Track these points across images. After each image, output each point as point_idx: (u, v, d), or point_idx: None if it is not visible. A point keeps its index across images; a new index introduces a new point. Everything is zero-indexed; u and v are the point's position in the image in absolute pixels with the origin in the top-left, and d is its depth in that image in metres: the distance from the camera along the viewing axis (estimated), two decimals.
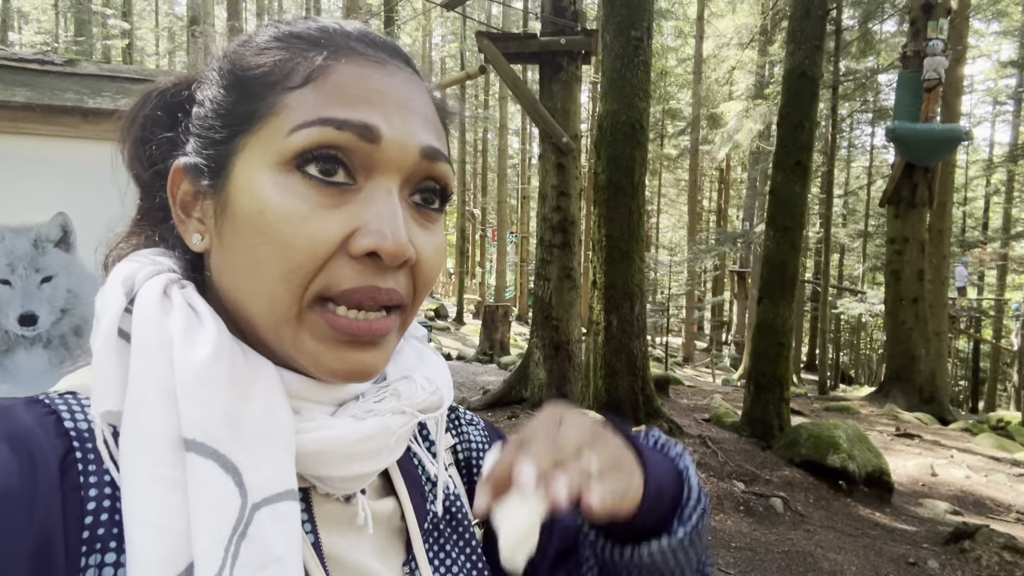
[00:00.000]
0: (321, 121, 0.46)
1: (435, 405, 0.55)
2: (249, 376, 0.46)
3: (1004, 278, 26.40)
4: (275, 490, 0.44)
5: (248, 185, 0.47)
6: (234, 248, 0.48)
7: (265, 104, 0.48)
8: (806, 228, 7.74)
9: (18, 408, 0.44)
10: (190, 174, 0.51)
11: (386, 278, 0.47)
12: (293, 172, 0.46)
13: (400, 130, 0.48)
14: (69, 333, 2.04)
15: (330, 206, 0.46)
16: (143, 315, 0.46)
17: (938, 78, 10.73)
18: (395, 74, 0.50)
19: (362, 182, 0.47)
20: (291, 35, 0.50)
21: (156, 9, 32.87)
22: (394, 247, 0.45)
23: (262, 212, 0.46)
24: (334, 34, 0.50)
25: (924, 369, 11.27)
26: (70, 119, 2.02)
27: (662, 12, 24.87)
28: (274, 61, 0.49)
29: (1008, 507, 5.84)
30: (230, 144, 0.49)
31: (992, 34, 29.67)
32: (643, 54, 6.65)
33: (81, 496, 0.42)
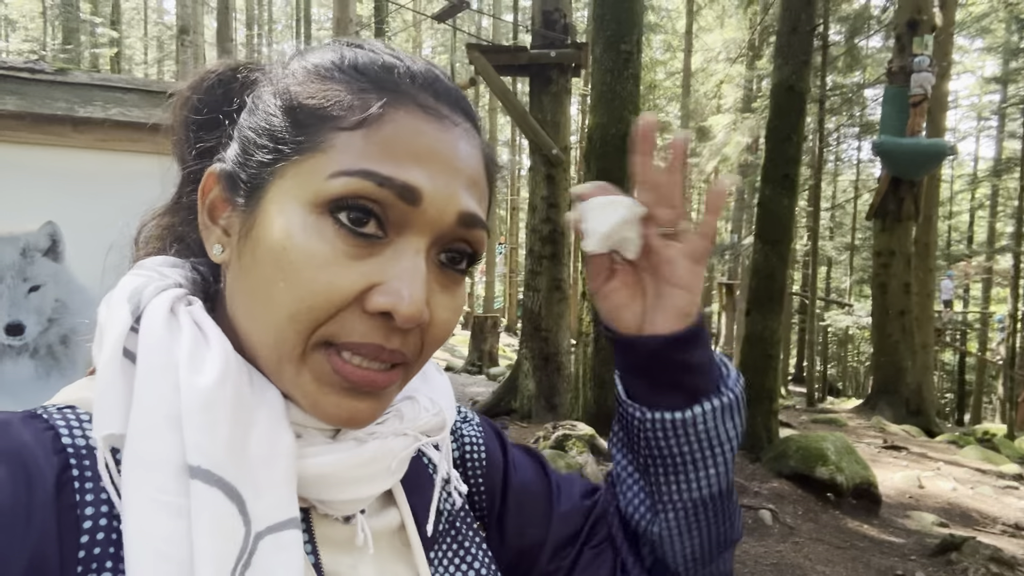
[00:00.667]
0: (363, 173, 0.45)
1: (438, 427, 0.54)
2: (254, 402, 0.46)
3: (989, 291, 26.67)
4: (278, 518, 0.43)
5: (278, 216, 0.46)
6: (251, 273, 0.47)
7: (313, 138, 0.46)
8: (794, 241, 7.80)
9: (15, 423, 0.43)
10: (224, 183, 0.50)
11: (394, 338, 0.46)
12: (325, 215, 0.45)
13: (442, 193, 0.46)
14: (56, 343, 2.02)
15: (355, 256, 0.45)
16: (149, 336, 0.45)
17: (924, 93, 10.86)
18: (451, 130, 0.48)
19: (392, 237, 0.46)
20: (354, 68, 0.49)
21: (145, 18, 32.85)
22: (409, 311, 0.44)
23: (286, 249, 0.45)
24: (398, 76, 0.48)
25: (911, 381, 11.35)
26: (60, 128, 2.01)
27: (651, 26, 25.07)
28: (331, 95, 0.47)
29: (994, 519, 5.88)
30: (271, 168, 0.48)
31: (976, 50, 30.11)
32: (632, 67, 6.70)
33: (77, 514, 0.42)
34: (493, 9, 27.33)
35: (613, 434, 0.69)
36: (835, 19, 16.61)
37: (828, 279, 30.07)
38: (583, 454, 5.48)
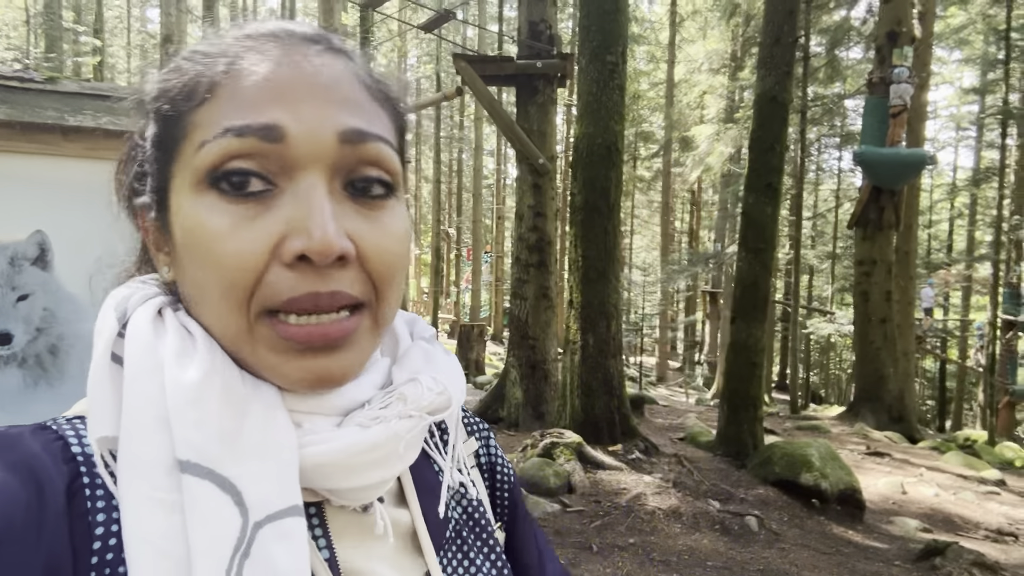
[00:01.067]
0: (221, 132, 0.44)
1: (443, 406, 0.52)
2: (245, 394, 0.45)
3: (969, 299, 26.99)
4: (278, 507, 0.43)
5: (179, 212, 0.46)
6: (184, 275, 0.48)
7: (179, 128, 0.47)
8: (777, 249, 7.87)
9: (25, 435, 0.44)
10: (146, 212, 0.51)
11: (327, 280, 0.44)
12: (208, 190, 0.45)
13: (309, 120, 0.45)
14: (45, 352, 2.01)
15: (252, 216, 0.44)
16: (135, 339, 0.45)
17: (903, 104, 11.03)
18: (303, 62, 0.47)
19: (283, 184, 0.45)
20: (195, 52, 0.49)
21: (128, 27, 32.63)
22: (320, 245, 0.43)
23: (191, 235, 0.45)
24: (239, 40, 0.48)
25: (893, 388, 11.47)
26: (50, 136, 2.00)
27: (635, 37, 25.27)
28: (180, 83, 0.47)
29: (976, 524, 5.94)
30: (164, 176, 0.48)
31: (954, 62, 30.59)
32: (618, 78, 6.76)
33: (89, 521, 0.42)
34: (478, 20, 27.44)
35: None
36: (816, 31, 16.83)
37: (810, 287, 30.31)
38: (571, 462, 5.49)
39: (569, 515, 4.91)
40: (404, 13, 16.64)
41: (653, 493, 5.32)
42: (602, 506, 5.08)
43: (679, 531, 4.83)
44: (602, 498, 5.21)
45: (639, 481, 5.52)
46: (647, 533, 4.74)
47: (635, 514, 4.97)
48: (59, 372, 2.01)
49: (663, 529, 4.82)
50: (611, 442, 6.35)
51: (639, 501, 5.18)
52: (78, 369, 2.01)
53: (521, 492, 0.70)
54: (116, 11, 32.21)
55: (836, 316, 20.92)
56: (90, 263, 0.61)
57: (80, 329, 2.00)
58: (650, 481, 5.52)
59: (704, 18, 24.05)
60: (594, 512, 4.98)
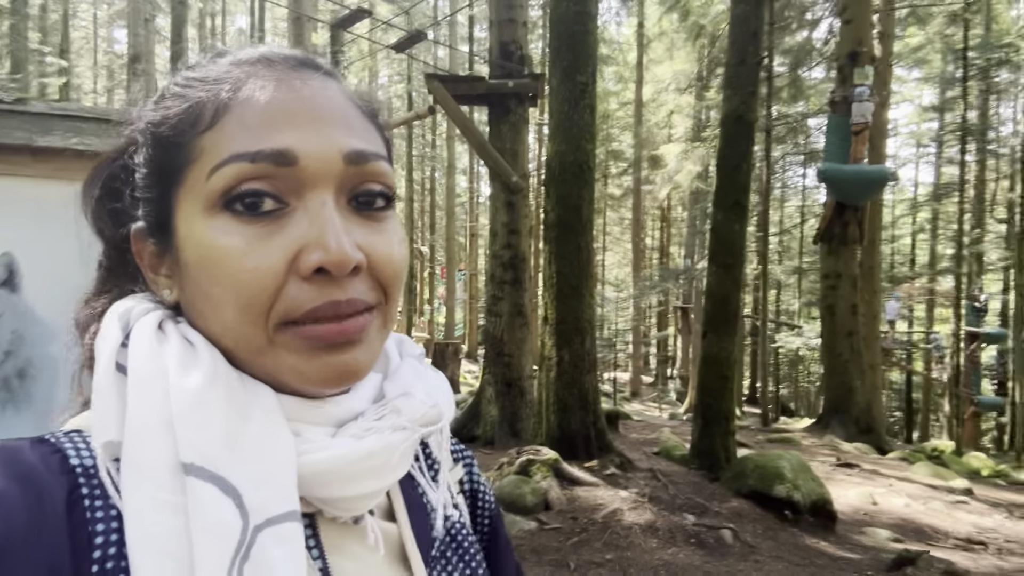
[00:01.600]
0: (233, 158, 0.46)
1: (435, 419, 0.54)
2: (247, 399, 0.47)
3: (932, 312, 27.56)
4: (277, 511, 0.44)
5: (189, 235, 0.48)
6: (193, 297, 0.49)
7: (183, 154, 0.48)
8: (745, 264, 7.99)
9: (24, 448, 0.44)
10: (145, 236, 0.53)
11: (344, 289, 0.47)
12: (222, 212, 0.46)
13: (316, 143, 0.47)
14: (13, 375, 1.97)
15: (267, 235, 0.46)
16: (138, 348, 0.47)
17: (865, 122, 11.30)
18: (300, 88, 0.49)
19: (294, 203, 0.47)
20: (193, 79, 0.51)
21: (95, 47, 32.28)
22: (338, 256, 0.45)
23: (205, 257, 0.46)
24: (232, 65, 0.50)
25: (860, 400, 11.64)
26: (19, 157, 1.98)
27: (604, 58, 25.60)
28: (183, 109, 0.49)
29: (946, 533, 6.03)
30: (167, 201, 0.50)
31: (914, 80, 31.36)
32: (588, 98, 6.85)
33: (88, 531, 0.43)
34: (450, 40, 27.61)
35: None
36: (779, 51, 17.22)
37: (778, 302, 30.73)
38: (547, 479, 5.49)
39: (546, 532, 4.90)
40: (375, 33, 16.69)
41: (629, 508, 5.33)
42: (579, 523, 5.08)
43: (655, 546, 4.84)
44: (579, 514, 5.21)
45: (615, 496, 5.53)
46: (624, 549, 4.74)
47: (612, 530, 4.98)
48: (27, 395, 1.97)
49: (639, 544, 4.83)
50: (587, 458, 6.36)
51: (615, 517, 5.19)
52: (46, 392, 1.97)
53: (503, 520, 0.71)
54: (83, 32, 31.85)
55: (804, 330, 21.22)
56: (59, 284, 0.61)
57: (49, 352, 1.97)
58: (626, 496, 5.54)
59: (670, 39, 24.43)
60: (571, 529, 4.98)
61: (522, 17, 8.98)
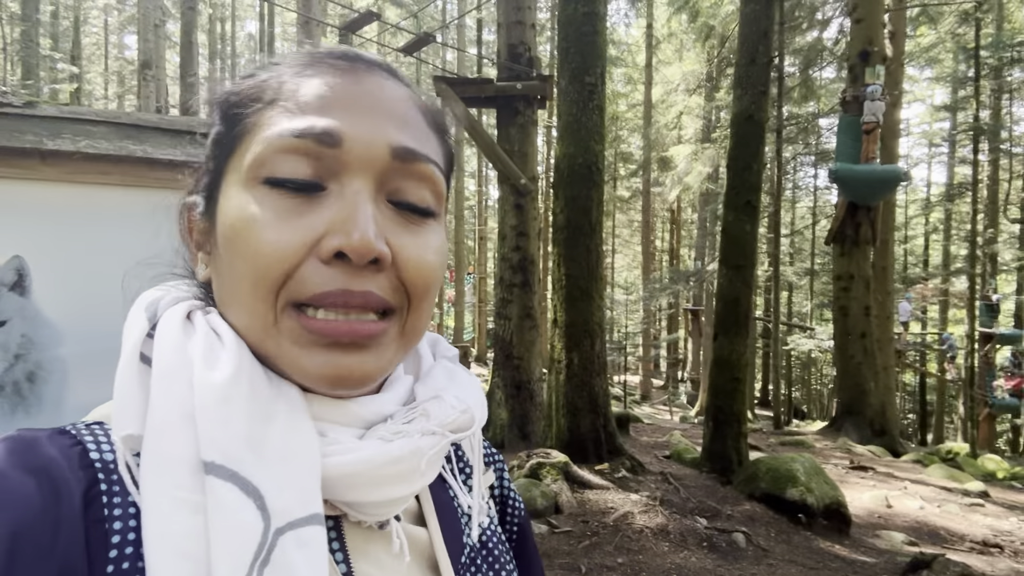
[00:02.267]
0: (280, 132, 0.46)
1: (466, 425, 0.53)
2: (271, 397, 0.45)
3: (946, 312, 27.35)
4: (299, 514, 0.43)
5: (226, 205, 0.48)
6: (220, 269, 0.48)
7: (240, 127, 0.49)
8: (757, 266, 7.94)
9: (43, 440, 0.43)
10: (193, 209, 0.53)
11: (361, 280, 0.45)
12: (259, 185, 0.46)
13: (365, 130, 0.47)
14: (23, 379, 1.97)
15: (297, 213, 0.45)
16: (164, 339, 0.46)
17: (876, 121, 11.23)
18: (366, 80, 0.49)
19: (332, 186, 0.46)
20: (270, 62, 0.51)
21: (106, 53, 32.56)
22: (360, 243, 0.44)
23: (232, 226, 0.46)
24: (310, 54, 0.51)
25: (874, 402, 11.55)
26: (28, 161, 1.98)
27: (613, 60, 25.59)
28: (250, 85, 0.50)
29: (962, 536, 5.97)
30: (217, 172, 0.50)
31: (925, 80, 31.21)
32: (597, 99, 6.83)
33: (105, 528, 0.42)
34: (458, 43, 27.66)
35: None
36: (790, 51, 17.15)
37: (790, 304, 30.57)
38: (557, 482, 5.46)
39: (557, 536, 4.87)
40: (384, 37, 16.75)
41: (640, 511, 5.29)
42: (590, 526, 5.05)
43: (667, 549, 4.81)
44: (589, 518, 5.18)
45: (626, 500, 5.50)
46: (635, 552, 4.71)
47: (623, 533, 4.95)
48: (37, 399, 1.97)
49: (651, 548, 4.80)
50: (597, 461, 6.33)
51: (626, 520, 5.16)
52: (56, 395, 1.97)
53: (531, 527, 0.69)
54: (94, 38, 32.16)
55: (816, 332, 21.09)
56: (68, 288, 0.61)
57: (58, 355, 1.98)
58: (637, 499, 5.50)
59: (680, 40, 24.41)
60: (582, 532, 4.95)
61: (530, 19, 8.98)
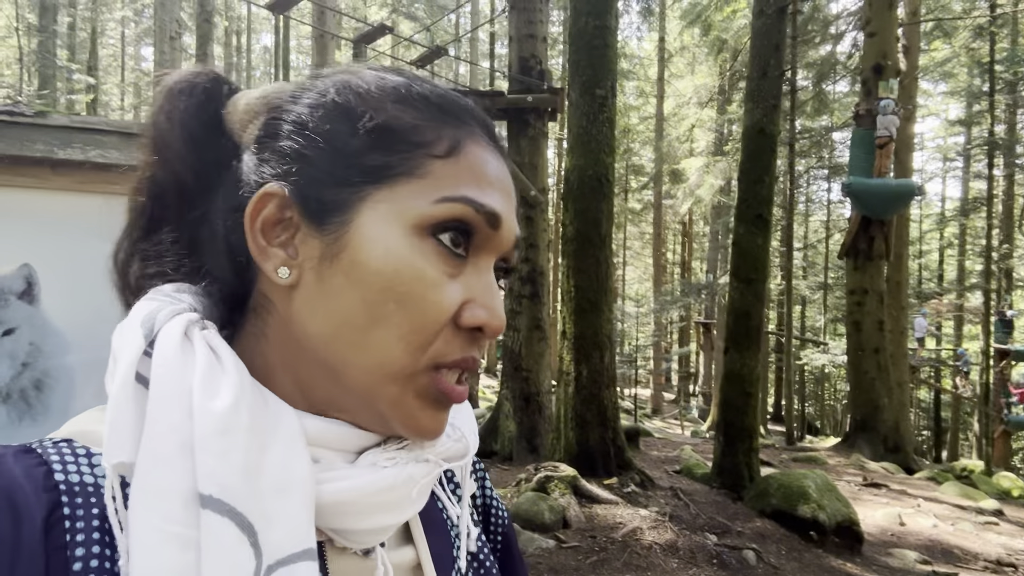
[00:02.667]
0: (464, 200, 0.47)
1: (460, 454, 0.54)
2: (269, 425, 0.44)
3: (961, 328, 27.10)
4: (291, 550, 0.42)
5: (381, 240, 0.46)
6: (345, 296, 0.46)
7: (407, 163, 0.47)
8: (768, 280, 7.90)
9: (7, 458, 0.42)
10: (285, 204, 0.48)
11: (478, 349, 0.49)
12: (428, 238, 0.47)
13: (510, 220, 0.50)
14: (30, 387, 1.98)
15: (452, 276, 0.47)
16: (162, 359, 0.43)
17: (890, 135, 11.18)
18: (502, 159, 0.53)
19: (471, 257, 0.49)
20: (424, 96, 0.50)
21: (122, 64, 32.99)
22: (499, 324, 0.48)
23: (398, 271, 0.46)
24: (462, 111, 0.52)
25: (888, 419, 11.43)
26: (39, 170, 2.00)
27: (624, 73, 25.65)
28: (416, 122, 0.48)
29: (975, 555, 5.88)
30: (357, 191, 0.47)
31: (940, 94, 31.10)
32: (608, 111, 6.84)
33: (67, 556, 0.40)
34: (470, 56, 27.82)
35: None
36: (803, 65, 17.14)
37: (803, 318, 30.40)
38: (565, 496, 5.42)
39: (564, 551, 4.83)
40: (397, 50, 16.88)
41: (649, 527, 5.24)
42: (598, 541, 5.00)
43: (676, 566, 4.75)
44: (598, 533, 5.13)
45: (635, 515, 5.45)
46: (644, 569, 4.66)
47: (631, 549, 4.90)
48: (44, 407, 1.98)
49: (660, 564, 4.75)
50: (606, 475, 6.28)
51: (635, 535, 5.11)
52: (63, 404, 1.98)
53: (515, 534, 0.69)
54: (111, 49, 32.58)
55: (830, 346, 20.93)
56: (76, 296, 0.59)
57: (65, 363, 1.98)
58: (646, 515, 5.45)
59: (692, 54, 24.47)
60: (590, 547, 4.90)
61: (542, 32, 9.02)
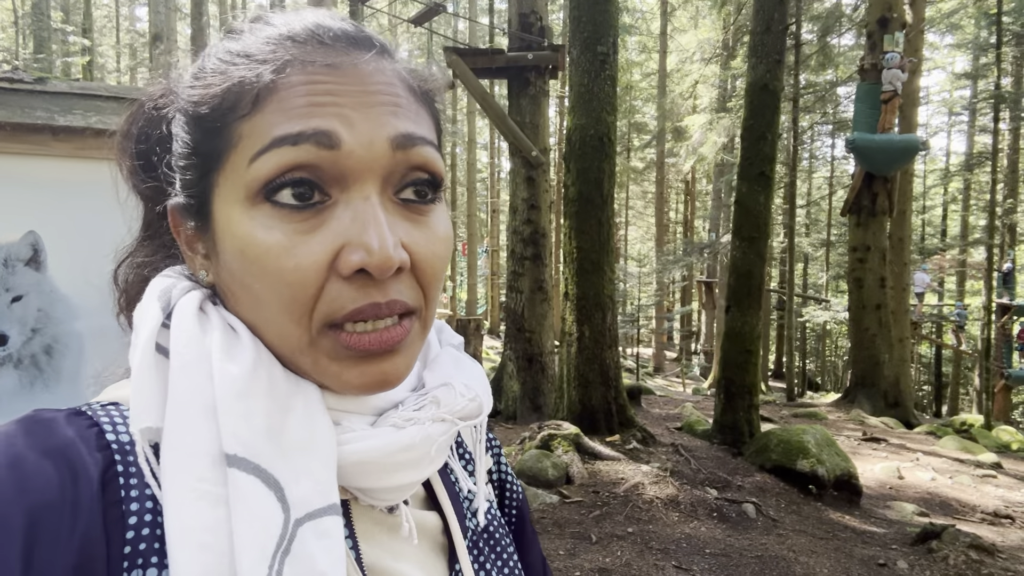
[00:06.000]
0: (275, 142, 0.44)
1: (475, 412, 0.53)
2: (288, 389, 0.46)
3: (963, 284, 27.08)
4: (318, 505, 0.43)
5: (227, 224, 0.46)
6: (232, 284, 0.47)
7: (223, 138, 0.46)
8: (771, 238, 7.88)
9: (60, 421, 0.43)
10: (181, 214, 0.50)
11: (385, 290, 0.45)
12: (263, 203, 0.44)
13: (362, 127, 0.45)
14: (40, 352, 2.01)
15: (308, 230, 0.44)
16: (181, 330, 0.45)
17: (895, 90, 11.03)
18: (349, 69, 0.46)
19: (337, 195, 0.45)
20: (236, 54, 0.47)
21: (117, 26, 32.46)
22: (380, 260, 0.43)
23: (243, 251, 0.45)
24: (277, 44, 0.47)
25: (888, 374, 11.51)
26: (40, 137, 2.00)
27: (626, 27, 25.22)
28: (223, 90, 0.46)
29: (973, 507, 5.98)
30: (205, 183, 0.48)
31: (946, 46, 30.55)
32: (609, 69, 6.75)
33: (123, 510, 0.42)
34: (469, 12, 27.35)
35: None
36: (807, 18, 16.82)
37: (805, 275, 30.37)
38: (569, 453, 5.51)
39: (568, 506, 4.93)
40: (395, 7, 16.59)
41: (651, 482, 5.34)
42: (600, 496, 5.10)
43: (677, 519, 4.85)
44: (600, 488, 5.23)
45: (637, 471, 5.54)
46: (645, 522, 4.76)
47: (633, 503, 5.00)
48: (55, 372, 2.01)
49: (661, 518, 4.85)
50: (608, 433, 6.37)
51: (637, 491, 5.21)
52: (73, 368, 2.01)
53: (528, 509, 0.71)
54: (105, 10, 32.05)
55: (831, 303, 20.97)
56: (82, 262, 0.60)
57: (74, 328, 2.01)
58: (648, 470, 5.55)
59: (695, 7, 23.99)
60: (592, 502, 5.01)
61: None
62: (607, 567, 4.03)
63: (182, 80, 0.50)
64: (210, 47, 0.50)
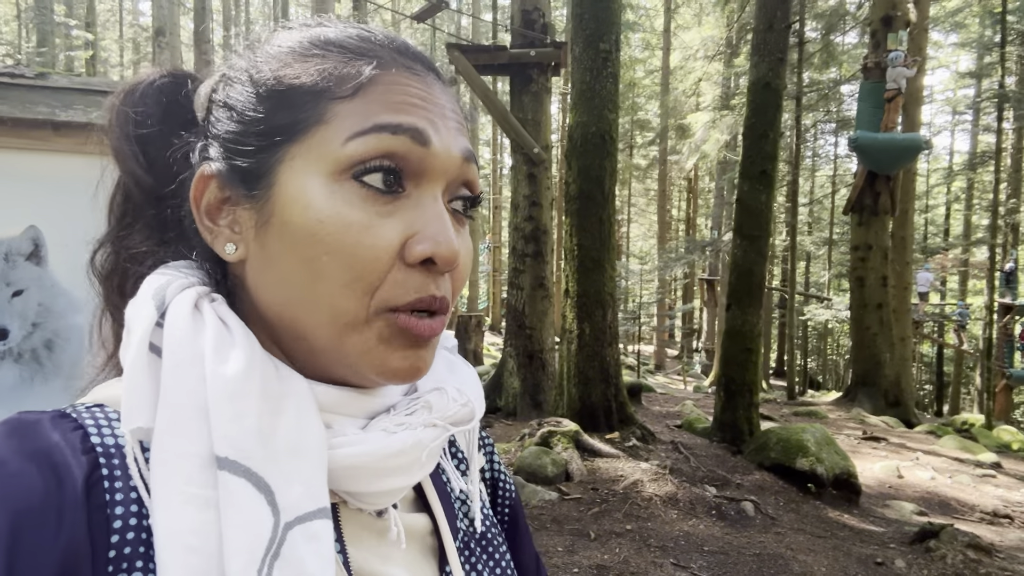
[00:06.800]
0: (377, 128, 0.46)
1: (467, 418, 0.54)
2: (281, 391, 0.46)
3: (966, 284, 27.04)
4: (307, 508, 0.43)
5: (301, 195, 0.46)
6: (284, 258, 0.47)
7: (312, 114, 0.47)
8: (772, 236, 7.87)
9: (44, 423, 0.43)
10: (221, 182, 0.49)
11: (439, 285, 0.48)
12: (349, 181, 0.46)
13: (444, 135, 0.49)
14: (40, 347, 2.02)
15: (385, 214, 0.46)
16: (174, 329, 0.45)
17: (898, 88, 11.00)
18: (432, 84, 0.51)
19: (411, 189, 0.48)
20: (330, 43, 0.50)
21: (120, 20, 32.47)
22: (448, 253, 0.46)
23: (321, 222, 0.45)
24: (375, 45, 0.50)
25: (889, 373, 11.51)
26: (41, 132, 2.00)
27: (629, 24, 25.17)
28: (319, 71, 0.48)
29: (972, 507, 5.99)
30: (273, 153, 0.48)
31: (950, 45, 30.48)
32: (612, 66, 6.75)
33: (108, 514, 0.42)
34: (472, 9, 27.31)
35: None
36: (811, 16, 16.78)
37: (807, 274, 30.34)
38: (568, 450, 5.52)
39: (567, 503, 4.94)
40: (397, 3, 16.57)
41: (650, 480, 5.35)
42: (599, 493, 5.11)
43: (676, 517, 4.86)
44: (599, 485, 5.24)
45: (636, 468, 5.55)
46: (644, 519, 4.77)
47: (632, 501, 5.01)
48: (55, 367, 2.01)
49: (660, 515, 4.86)
50: (608, 430, 6.38)
51: (636, 488, 5.21)
52: (73, 362, 2.02)
53: (523, 509, 0.70)
54: (108, 4, 32.05)
55: (833, 302, 20.95)
56: (82, 257, 0.58)
57: (75, 322, 2.02)
58: (647, 468, 5.56)
59: (699, 4, 23.95)
60: (592, 499, 5.02)
61: None
62: (605, 564, 4.04)
63: (260, 54, 0.51)
64: (292, 30, 0.52)
